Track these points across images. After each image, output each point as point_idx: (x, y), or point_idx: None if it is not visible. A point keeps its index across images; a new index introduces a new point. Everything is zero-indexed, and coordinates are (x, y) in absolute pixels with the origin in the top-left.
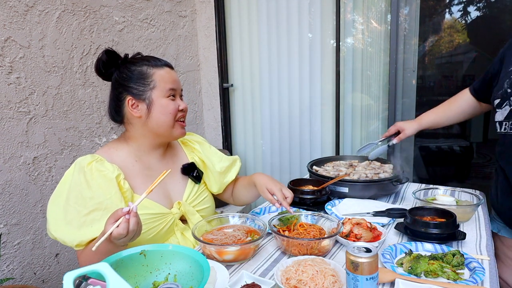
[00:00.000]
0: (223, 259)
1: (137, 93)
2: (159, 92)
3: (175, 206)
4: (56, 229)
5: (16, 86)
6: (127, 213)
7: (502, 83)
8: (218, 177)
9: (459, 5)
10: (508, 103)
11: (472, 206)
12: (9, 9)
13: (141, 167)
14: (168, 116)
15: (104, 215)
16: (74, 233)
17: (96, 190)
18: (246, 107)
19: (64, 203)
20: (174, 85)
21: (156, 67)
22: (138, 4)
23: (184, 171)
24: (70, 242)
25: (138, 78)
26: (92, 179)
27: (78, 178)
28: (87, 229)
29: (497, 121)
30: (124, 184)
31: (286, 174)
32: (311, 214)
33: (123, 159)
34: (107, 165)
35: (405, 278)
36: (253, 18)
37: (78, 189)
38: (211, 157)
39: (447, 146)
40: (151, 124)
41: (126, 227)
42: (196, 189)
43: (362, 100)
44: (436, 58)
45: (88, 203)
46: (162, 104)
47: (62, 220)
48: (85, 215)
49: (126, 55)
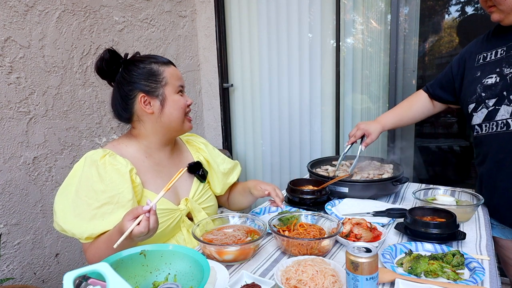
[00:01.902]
0: (223, 259)
1: (150, 90)
2: (171, 88)
3: (182, 203)
4: (64, 221)
5: (16, 86)
6: (147, 212)
7: (473, 89)
8: (222, 177)
9: (459, 5)
10: (484, 105)
11: (472, 206)
12: (9, 9)
13: (151, 163)
14: (180, 111)
15: (115, 209)
16: (84, 226)
17: (109, 183)
18: (246, 107)
19: (73, 195)
20: (182, 81)
21: (164, 64)
22: (138, 4)
23: (190, 169)
24: (79, 234)
25: (149, 76)
26: (105, 172)
27: (89, 172)
28: (98, 222)
29: (475, 124)
30: (136, 178)
31: (286, 174)
32: (311, 214)
33: (133, 154)
34: (119, 159)
35: (405, 278)
36: (253, 18)
37: (89, 183)
38: (216, 158)
39: (447, 146)
40: (164, 119)
41: (147, 225)
42: (201, 188)
43: (362, 100)
44: (436, 58)
45: (100, 197)
46: (174, 100)
47: (71, 213)
48: (96, 208)
49: (126, 55)
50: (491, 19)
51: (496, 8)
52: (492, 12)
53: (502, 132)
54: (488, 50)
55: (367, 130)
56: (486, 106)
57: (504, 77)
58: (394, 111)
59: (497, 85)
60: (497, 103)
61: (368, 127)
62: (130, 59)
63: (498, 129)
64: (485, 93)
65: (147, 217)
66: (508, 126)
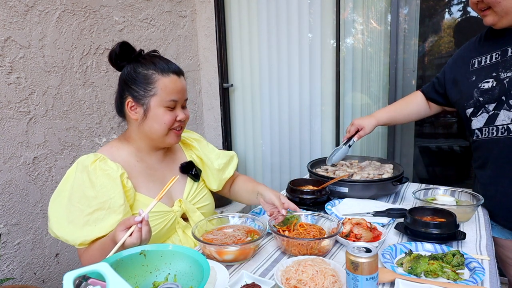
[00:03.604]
0: (223, 259)
1: (138, 96)
2: (158, 100)
3: (176, 204)
4: (58, 228)
5: (16, 86)
6: (139, 222)
7: (469, 93)
8: (217, 174)
9: (459, 5)
10: (484, 110)
11: (472, 206)
12: (9, 9)
13: (143, 167)
14: (161, 125)
15: (107, 214)
16: (77, 232)
17: (100, 189)
18: (246, 107)
19: (66, 202)
20: (176, 96)
21: (162, 73)
22: (138, 4)
23: (183, 170)
24: (72, 241)
25: (141, 82)
26: (96, 178)
27: (81, 177)
28: (90, 228)
29: (475, 128)
30: (127, 183)
31: (286, 174)
32: (311, 214)
33: (125, 159)
34: (110, 164)
35: (405, 278)
36: (253, 18)
37: (81, 189)
38: (209, 155)
39: (447, 146)
40: (144, 129)
41: (139, 236)
42: (196, 187)
43: (362, 100)
44: (436, 58)
45: (92, 202)
46: (157, 113)
47: (65, 219)
48: (89, 214)
49: (141, 51)
50: (484, 23)
51: (490, 11)
52: (486, 16)
53: (503, 137)
54: (482, 54)
55: (360, 124)
56: (486, 110)
57: (501, 82)
58: (389, 107)
59: (494, 90)
60: (496, 107)
61: (361, 122)
62: (137, 58)
63: (499, 134)
64: (483, 97)
65: (139, 228)
66: (509, 132)
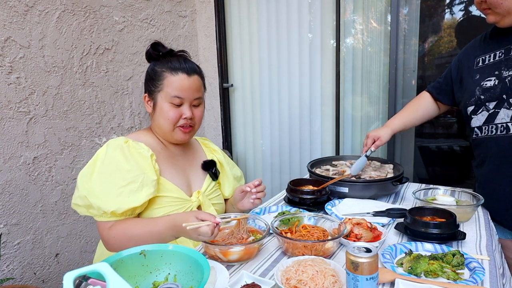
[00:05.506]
0: (228, 259)
1: (150, 91)
2: (163, 96)
3: (194, 195)
4: (90, 195)
5: (16, 86)
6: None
7: (471, 91)
8: (233, 181)
9: (459, 5)
10: (485, 108)
11: (472, 206)
12: (9, 9)
13: (168, 154)
14: (166, 121)
15: (139, 187)
16: (110, 200)
17: (134, 164)
18: (246, 107)
19: (97, 175)
20: (182, 93)
21: (171, 71)
22: (138, 4)
23: (204, 167)
24: (105, 207)
25: (153, 78)
26: (130, 154)
27: (113, 154)
28: (123, 199)
29: (475, 126)
30: (155, 165)
31: (286, 174)
32: (313, 215)
33: (152, 144)
34: (141, 145)
35: (405, 278)
36: (253, 18)
37: (113, 164)
38: (228, 162)
39: (447, 146)
40: (155, 122)
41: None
42: (213, 185)
43: (362, 100)
44: (436, 58)
45: (126, 176)
46: (163, 108)
47: (98, 189)
48: (122, 186)
49: (171, 50)
50: (487, 21)
51: (491, 11)
52: (488, 14)
53: (502, 135)
54: (487, 53)
55: (376, 135)
56: (486, 108)
57: (503, 80)
58: (401, 114)
59: (496, 88)
60: (497, 106)
61: (376, 133)
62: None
63: (498, 132)
64: (484, 95)
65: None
66: (508, 130)
